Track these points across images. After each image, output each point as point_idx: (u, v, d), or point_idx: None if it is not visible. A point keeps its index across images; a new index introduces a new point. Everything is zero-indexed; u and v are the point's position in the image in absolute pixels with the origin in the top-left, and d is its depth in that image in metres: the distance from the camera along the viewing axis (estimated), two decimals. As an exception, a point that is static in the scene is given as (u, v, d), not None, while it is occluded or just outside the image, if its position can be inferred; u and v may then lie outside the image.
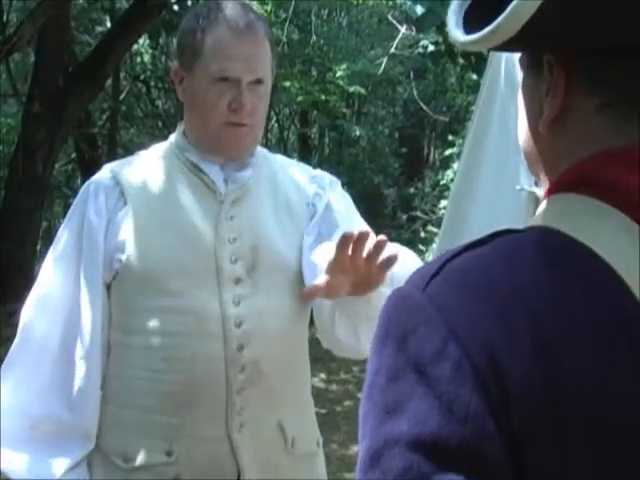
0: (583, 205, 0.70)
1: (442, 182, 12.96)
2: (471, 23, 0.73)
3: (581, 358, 0.64)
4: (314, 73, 12.05)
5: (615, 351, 0.64)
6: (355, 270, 1.53)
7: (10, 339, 1.78)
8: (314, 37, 11.61)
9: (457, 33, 0.73)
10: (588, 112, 0.72)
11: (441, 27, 5.79)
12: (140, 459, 1.70)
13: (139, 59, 14.48)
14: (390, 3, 8.29)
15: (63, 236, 1.78)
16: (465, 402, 0.63)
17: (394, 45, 8.01)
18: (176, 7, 6.63)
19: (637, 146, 0.70)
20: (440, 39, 6.62)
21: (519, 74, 0.77)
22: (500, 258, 0.68)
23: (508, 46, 0.70)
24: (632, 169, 0.69)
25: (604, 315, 0.65)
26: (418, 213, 13.84)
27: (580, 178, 0.71)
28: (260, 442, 1.74)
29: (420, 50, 7.46)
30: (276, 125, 17.02)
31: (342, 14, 15.56)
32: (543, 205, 0.74)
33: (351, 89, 10.25)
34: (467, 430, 0.63)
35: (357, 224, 1.77)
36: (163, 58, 15.09)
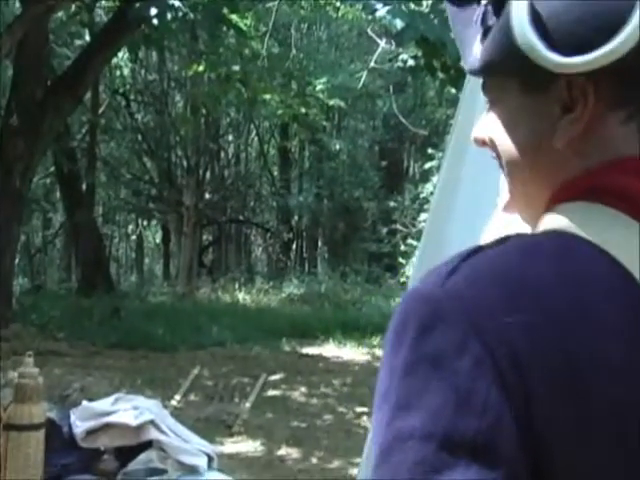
0: (593, 211, 0.71)
1: (422, 195, 12.98)
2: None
3: (602, 356, 0.64)
4: (294, 86, 12.08)
5: (634, 352, 0.65)
6: None
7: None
8: (294, 51, 11.64)
9: (552, 55, 0.70)
10: (613, 125, 0.73)
11: (420, 41, 5.82)
12: None
13: (118, 72, 14.45)
14: (370, 17, 8.32)
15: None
16: (483, 395, 0.63)
17: (374, 59, 8.04)
18: (155, 21, 6.63)
19: None
20: (419, 53, 6.65)
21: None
22: (516, 258, 0.69)
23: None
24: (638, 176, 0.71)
25: (622, 315, 0.66)
26: (398, 226, 13.85)
27: (588, 186, 0.72)
28: None
29: (400, 64, 7.51)
30: (256, 139, 17.03)
31: (322, 28, 15.62)
32: (552, 212, 0.74)
33: (331, 102, 10.27)
34: (483, 423, 0.62)
35: None
36: (142, 72, 15.07)
